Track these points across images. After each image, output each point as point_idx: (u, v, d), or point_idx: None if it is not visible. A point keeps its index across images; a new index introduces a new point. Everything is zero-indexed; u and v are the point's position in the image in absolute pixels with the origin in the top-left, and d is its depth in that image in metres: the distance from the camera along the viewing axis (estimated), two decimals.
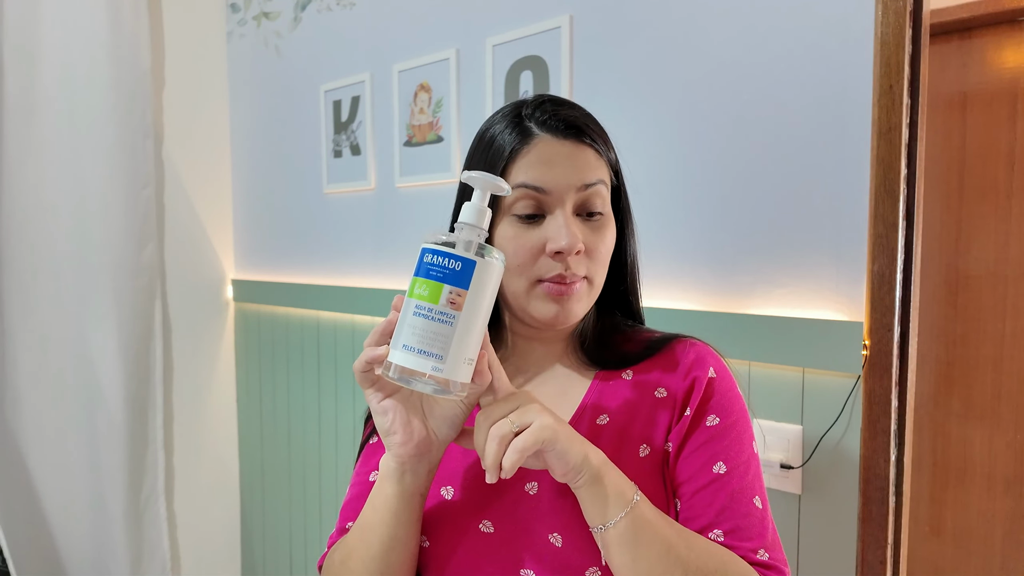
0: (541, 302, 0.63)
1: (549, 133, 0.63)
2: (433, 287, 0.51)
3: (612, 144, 0.68)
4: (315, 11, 1.69)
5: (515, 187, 0.62)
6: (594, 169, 0.63)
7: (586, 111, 0.67)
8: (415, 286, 0.52)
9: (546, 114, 0.64)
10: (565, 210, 0.62)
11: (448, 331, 0.51)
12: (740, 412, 0.65)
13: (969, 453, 1.64)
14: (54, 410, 1.63)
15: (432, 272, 0.51)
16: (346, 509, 0.71)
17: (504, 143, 0.64)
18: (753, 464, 0.63)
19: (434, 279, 0.51)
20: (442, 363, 0.50)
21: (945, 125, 1.64)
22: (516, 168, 0.63)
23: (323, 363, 1.72)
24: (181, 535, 1.88)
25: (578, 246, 0.61)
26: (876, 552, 0.90)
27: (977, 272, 1.62)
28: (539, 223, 0.63)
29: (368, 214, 1.60)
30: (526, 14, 1.26)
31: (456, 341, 0.51)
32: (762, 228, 1.00)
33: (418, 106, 1.45)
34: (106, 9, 1.60)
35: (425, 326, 0.51)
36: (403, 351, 0.51)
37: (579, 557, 0.59)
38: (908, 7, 0.86)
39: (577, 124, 0.64)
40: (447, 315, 0.51)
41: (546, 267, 0.62)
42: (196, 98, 1.89)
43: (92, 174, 1.62)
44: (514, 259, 0.63)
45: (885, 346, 0.89)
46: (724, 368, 0.67)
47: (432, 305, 0.51)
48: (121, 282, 1.67)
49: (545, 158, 0.62)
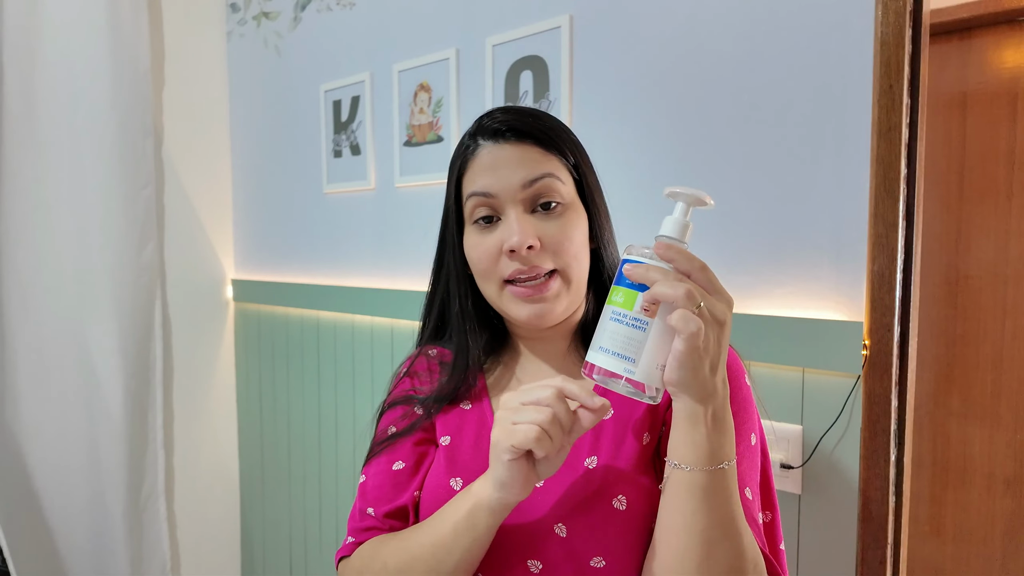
0: (514, 304, 0.66)
1: (491, 140, 0.67)
2: (628, 295, 0.53)
3: (571, 142, 0.69)
4: (315, 11, 1.69)
5: (468, 198, 0.66)
6: (538, 164, 0.65)
7: (541, 115, 0.69)
8: (614, 294, 0.55)
9: (494, 121, 0.67)
10: (516, 209, 0.64)
11: (641, 336, 0.52)
12: (742, 403, 0.64)
13: (969, 453, 1.64)
14: (54, 410, 1.63)
15: (629, 281, 0.54)
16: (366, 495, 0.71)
17: (457, 160, 0.69)
18: (748, 455, 0.62)
19: (630, 287, 0.53)
20: (635, 366, 0.52)
21: (945, 125, 1.64)
22: (467, 178, 0.67)
23: (323, 363, 1.72)
24: (181, 535, 1.88)
25: (529, 241, 0.63)
26: (876, 552, 0.91)
27: (977, 272, 1.62)
28: (496, 225, 0.66)
29: (368, 214, 1.60)
30: (526, 14, 1.26)
31: (649, 346, 0.52)
32: (762, 228, 1.00)
33: (418, 106, 1.45)
34: (106, 9, 1.60)
35: (620, 331, 0.53)
36: (600, 352, 0.54)
37: (584, 547, 0.60)
38: (908, 7, 0.86)
39: (514, 126, 0.66)
40: (640, 321, 0.53)
41: (506, 267, 0.65)
42: (196, 98, 1.89)
43: (92, 174, 1.62)
44: (479, 264, 0.67)
45: (885, 346, 0.89)
46: (733, 356, 0.66)
47: (627, 311, 0.53)
48: (121, 282, 1.67)
49: (487, 164, 0.66)
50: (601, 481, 0.61)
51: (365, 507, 0.70)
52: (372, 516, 0.69)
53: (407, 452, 0.71)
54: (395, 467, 0.71)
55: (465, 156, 0.68)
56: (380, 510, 0.69)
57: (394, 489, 0.69)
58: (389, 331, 1.52)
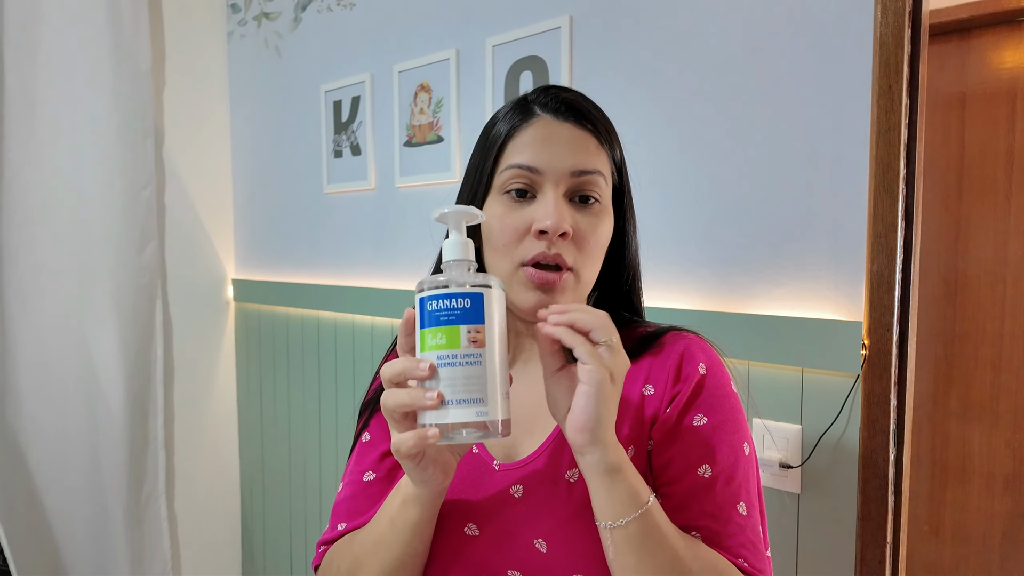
0: (523, 289, 0.61)
1: (549, 113, 0.62)
2: (450, 332, 0.48)
3: (618, 142, 0.67)
4: (315, 11, 1.69)
5: (508, 168, 0.61)
6: (592, 156, 0.62)
7: (598, 106, 0.66)
8: (427, 338, 0.49)
9: (549, 96, 0.64)
10: (556, 191, 0.60)
11: (480, 371, 0.48)
12: (730, 412, 0.61)
13: (968, 452, 1.65)
14: (54, 410, 1.63)
15: (442, 318, 0.49)
16: (339, 509, 0.70)
17: (503, 126, 0.63)
18: (741, 466, 0.60)
19: (448, 324, 0.49)
20: (485, 406, 0.48)
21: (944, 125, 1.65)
22: (512, 147, 0.62)
23: (323, 363, 1.72)
24: (181, 535, 1.89)
25: (563, 227, 0.58)
26: (875, 551, 0.91)
27: (976, 272, 1.62)
28: (529, 202, 0.61)
29: (368, 214, 1.60)
30: (526, 14, 1.26)
31: (490, 378, 0.49)
32: (762, 228, 1.00)
33: (418, 106, 1.46)
34: (106, 9, 1.60)
35: (456, 374, 0.48)
36: (440, 410, 0.48)
37: (563, 563, 0.58)
38: (907, 7, 0.86)
39: (577, 107, 0.63)
40: (474, 355, 0.48)
41: (529, 248, 0.60)
42: (196, 98, 1.89)
43: (92, 174, 1.62)
44: (500, 238, 0.61)
45: (884, 346, 0.89)
46: (717, 364, 0.64)
47: (455, 351, 0.48)
48: (122, 282, 1.67)
49: (541, 137, 0.61)
50: (581, 497, 0.57)
51: (337, 521, 0.70)
52: (342, 531, 0.69)
53: (375, 461, 0.70)
54: (365, 478, 0.70)
55: (516, 122, 0.62)
56: (349, 525, 0.68)
57: (366, 503, 0.68)
58: (389, 331, 1.52)
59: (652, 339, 0.66)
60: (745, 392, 1.02)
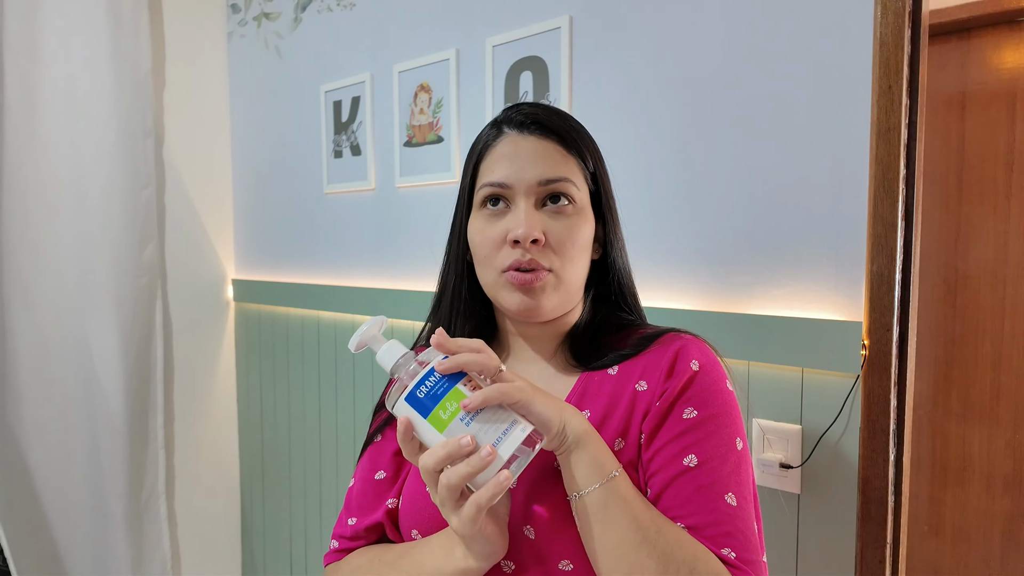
0: (508, 291, 0.66)
1: (515, 129, 0.67)
2: (454, 396, 0.53)
3: (590, 148, 0.69)
4: (315, 12, 1.69)
5: (483, 186, 0.67)
6: (557, 165, 0.66)
7: (567, 116, 0.69)
8: (440, 415, 0.53)
9: (520, 114, 0.68)
10: (527, 201, 0.65)
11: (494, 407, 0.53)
12: (722, 406, 0.62)
13: (968, 452, 1.65)
14: (54, 410, 1.63)
15: (437, 391, 0.53)
16: (351, 502, 0.73)
17: (479, 145, 0.70)
18: (731, 459, 0.60)
19: (445, 392, 0.53)
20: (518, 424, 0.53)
21: (944, 125, 1.65)
22: (484, 165, 0.68)
23: (323, 363, 1.72)
24: (181, 535, 1.89)
25: (534, 235, 0.63)
26: (875, 551, 0.91)
27: (976, 272, 1.62)
28: (505, 214, 0.66)
29: (368, 214, 1.60)
30: (526, 14, 1.26)
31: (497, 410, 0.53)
32: (761, 228, 1.00)
33: (418, 106, 1.46)
34: (106, 9, 1.61)
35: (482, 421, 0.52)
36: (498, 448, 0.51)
37: (551, 550, 0.59)
38: (907, 7, 0.86)
39: (541, 121, 0.67)
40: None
41: (506, 256, 0.65)
42: (196, 98, 1.89)
43: (92, 174, 1.62)
44: (481, 249, 0.67)
45: (884, 346, 0.89)
46: (712, 362, 0.65)
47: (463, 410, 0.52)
48: (122, 282, 1.67)
49: (508, 153, 0.66)
50: None
51: (348, 516, 0.72)
52: (353, 526, 0.71)
53: (387, 460, 0.73)
54: (377, 476, 0.72)
55: (487, 142, 0.69)
56: (360, 522, 0.71)
57: (375, 500, 0.71)
58: (389, 331, 1.52)
59: (648, 340, 0.67)
60: (745, 392, 1.02)
